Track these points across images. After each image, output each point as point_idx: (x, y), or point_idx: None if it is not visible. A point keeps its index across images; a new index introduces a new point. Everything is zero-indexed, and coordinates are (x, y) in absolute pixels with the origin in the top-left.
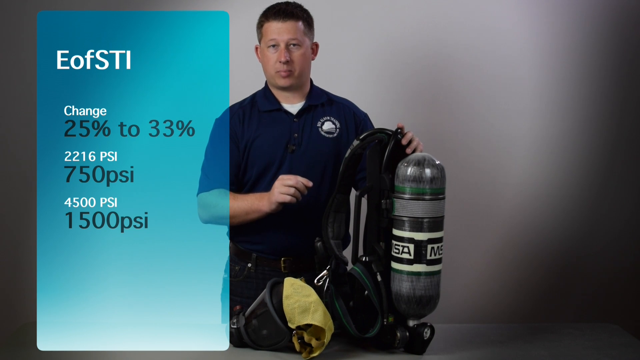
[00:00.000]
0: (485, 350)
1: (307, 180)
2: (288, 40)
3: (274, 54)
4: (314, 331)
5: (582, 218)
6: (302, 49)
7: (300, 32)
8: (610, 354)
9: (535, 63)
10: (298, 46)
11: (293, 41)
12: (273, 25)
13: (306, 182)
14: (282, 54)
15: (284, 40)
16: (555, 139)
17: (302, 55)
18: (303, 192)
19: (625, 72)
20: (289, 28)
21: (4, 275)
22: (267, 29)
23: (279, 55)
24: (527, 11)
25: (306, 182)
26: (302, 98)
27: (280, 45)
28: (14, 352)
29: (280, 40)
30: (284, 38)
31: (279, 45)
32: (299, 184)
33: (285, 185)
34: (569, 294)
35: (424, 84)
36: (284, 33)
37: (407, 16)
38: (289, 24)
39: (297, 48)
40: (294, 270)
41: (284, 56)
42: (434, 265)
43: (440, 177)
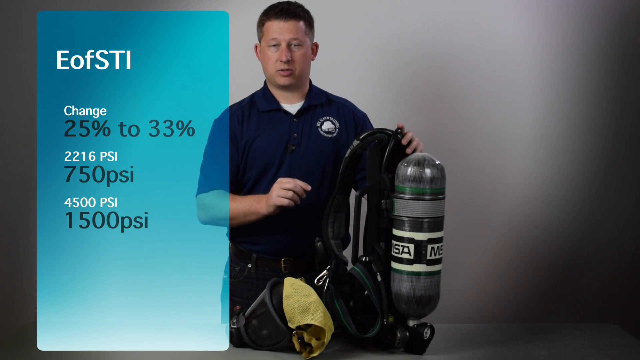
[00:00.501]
0: (485, 350)
1: (306, 184)
2: (289, 39)
3: (275, 53)
4: (314, 331)
5: (582, 218)
6: (303, 49)
7: (302, 32)
8: (610, 354)
9: (535, 63)
10: (299, 46)
11: (294, 41)
12: (275, 25)
13: (305, 185)
14: (284, 53)
15: (286, 40)
16: (555, 139)
17: (303, 55)
18: (301, 195)
19: (625, 72)
20: (291, 28)
21: (4, 275)
22: (269, 28)
23: (280, 54)
24: (527, 11)
25: (305, 186)
26: (301, 98)
27: (281, 45)
28: (14, 352)
29: (281, 40)
30: (285, 37)
31: (280, 45)
32: (298, 188)
33: (283, 189)
34: (569, 294)
35: (424, 83)
36: (286, 32)
37: (407, 16)
38: (291, 23)
39: (298, 48)
40: (294, 270)
41: (285, 55)
42: (434, 265)
43: (440, 177)
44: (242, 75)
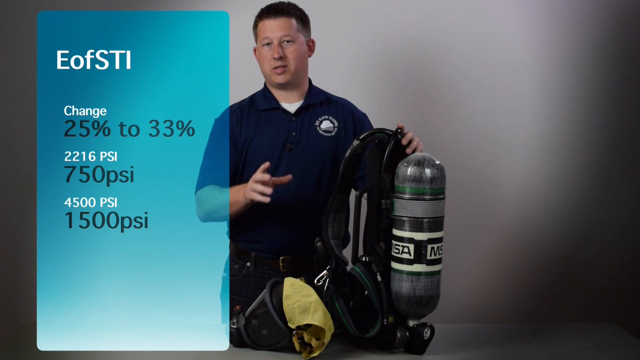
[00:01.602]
0: (485, 350)
1: (287, 177)
2: (281, 37)
3: (269, 51)
4: (314, 331)
5: (582, 218)
6: (296, 45)
7: (294, 28)
8: (610, 354)
9: (535, 63)
10: (291, 42)
11: (286, 37)
12: (266, 24)
13: (285, 179)
14: (276, 50)
15: (277, 37)
16: (555, 139)
17: (296, 51)
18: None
19: (625, 72)
20: (281, 25)
21: (4, 275)
22: (261, 28)
23: (273, 52)
24: (527, 11)
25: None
26: (300, 97)
27: (273, 43)
28: (14, 352)
29: (273, 38)
30: (276, 35)
31: (272, 43)
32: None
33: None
34: (569, 294)
35: (424, 83)
36: (276, 30)
37: (407, 16)
38: (281, 20)
39: (291, 44)
40: (293, 269)
41: (277, 52)
42: (434, 265)
43: (440, 177)
44: (242, 75)
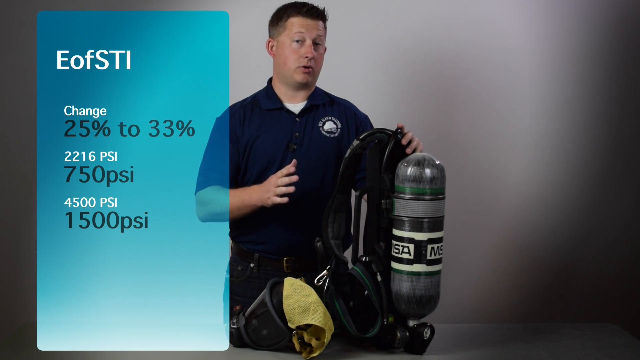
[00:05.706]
0: (485, 350)
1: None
2: (315, 37)
3: (299, 48)
4: (314, 331)
5: (582, 218)
6: (322, 49)
7: (323, 32)
8: (610, 354)
9: (535, 64)
10: (320, 45)
11: (318, 39)
12: (302, 21)
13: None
14: (310, 49)
15: (312, 37)
16: (555, 139)
17: (321, 55)
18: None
19: (625, 71)
20: (317, 26)
21: (4, 275)
22: (294, 23)
23: (306, 50)
24: (528, 11)
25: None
26: (304, 98)
27: (307, 41)
28: (14, 352)
29: (307, 36)
30: (312, 34)
31: (305, 41)
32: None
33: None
34: (569, 294)
35: (424, 84)
36: (313, 30)
37: (408, 17)
38: (317, 22)
39: (319, 47)
40: (297, 270)
41: (311, 52)
42: (434, 265)
43: (440, 177)
44: (242, 75)
